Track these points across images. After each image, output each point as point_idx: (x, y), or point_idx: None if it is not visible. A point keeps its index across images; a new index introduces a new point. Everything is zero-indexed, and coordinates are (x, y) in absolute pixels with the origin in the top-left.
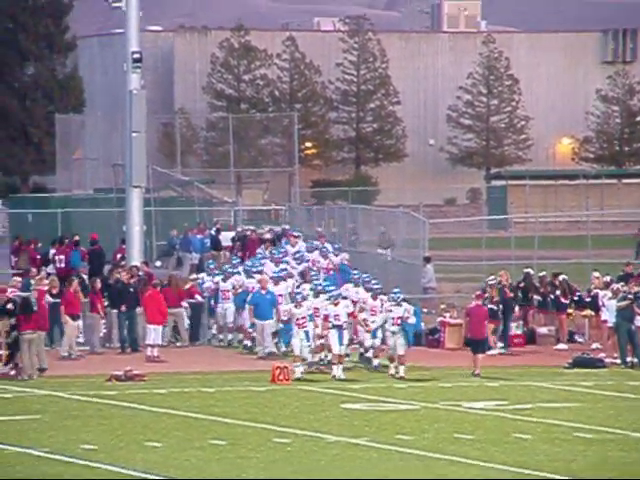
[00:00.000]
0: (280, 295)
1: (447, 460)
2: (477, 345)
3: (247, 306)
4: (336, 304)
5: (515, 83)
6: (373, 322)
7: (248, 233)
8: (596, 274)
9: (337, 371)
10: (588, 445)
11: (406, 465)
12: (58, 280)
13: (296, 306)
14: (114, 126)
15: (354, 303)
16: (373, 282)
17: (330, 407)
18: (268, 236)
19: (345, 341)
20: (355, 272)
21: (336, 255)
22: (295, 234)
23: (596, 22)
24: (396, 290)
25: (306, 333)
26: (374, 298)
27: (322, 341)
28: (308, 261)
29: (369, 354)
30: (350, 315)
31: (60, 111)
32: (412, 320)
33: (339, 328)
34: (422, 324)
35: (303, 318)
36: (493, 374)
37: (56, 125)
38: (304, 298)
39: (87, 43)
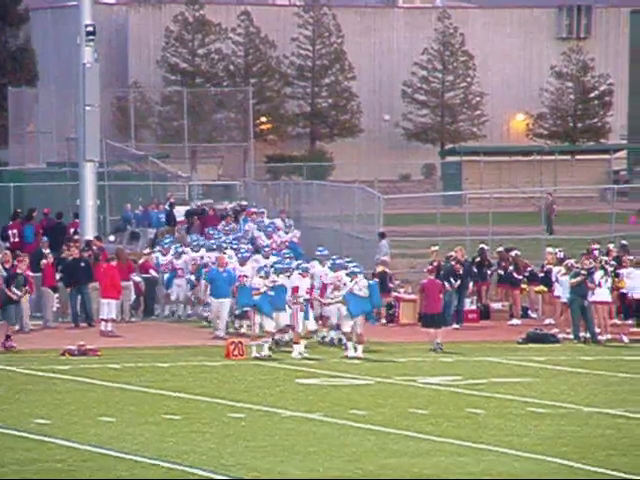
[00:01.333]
0: (245, 276)
1: (401, 435)
2: (432, 320)
3: (203, 282)
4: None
5: (470, 59)
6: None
7: (206, 208)
8: (549, 250)
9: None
10: (541, 420)
11: (360, 440)
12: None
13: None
14: (67, 100)
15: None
16: (345, 261)
17: (284, 382)
18: (229, 211)
19: (311, 318)
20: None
21: (286, 233)
22: (256, 210)
23: None
24: (350, 262)
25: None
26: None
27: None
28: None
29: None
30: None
31: (12, 84)
32: (362, 293)
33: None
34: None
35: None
36: (447, 349)
37: (8, 98)
38: (267, 273)
39: (40, 15)
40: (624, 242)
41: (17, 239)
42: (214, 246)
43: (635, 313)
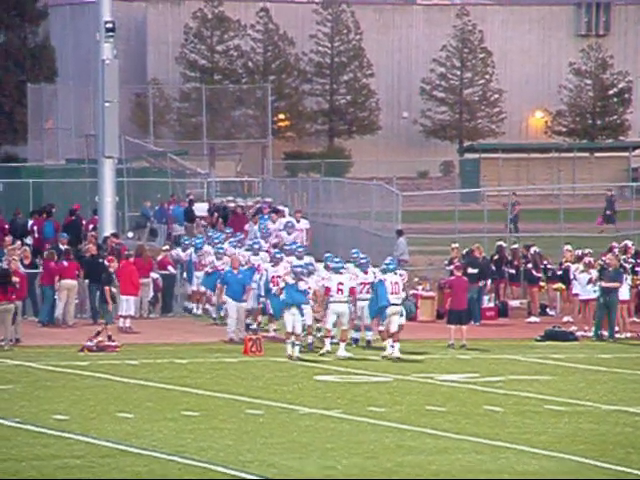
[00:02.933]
0: (279, 276)
1: (419, 432)
2: (459, 316)
3: (218, 285)
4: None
5: (489, 56)
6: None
7: (232, 205)
8: (568, 247)
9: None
10: (559, 417)
11: (378, 437)
12: (31, 251)
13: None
14: (86, 96)
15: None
16: (361, 256)
17: (302, 379)
18: (251, 210)
19: (308, 319)
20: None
21: (289, 234)
22: (280, 208)
23: None
24: (387, 261)
25: (300, 309)
26: (365, 272)
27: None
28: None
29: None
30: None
31: (32, 80)
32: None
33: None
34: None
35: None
36: (466, 347)
37: (28, 94)
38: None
39: (59, 12)
40: None
41: (37, 235)
42: (256, 246)
43: None
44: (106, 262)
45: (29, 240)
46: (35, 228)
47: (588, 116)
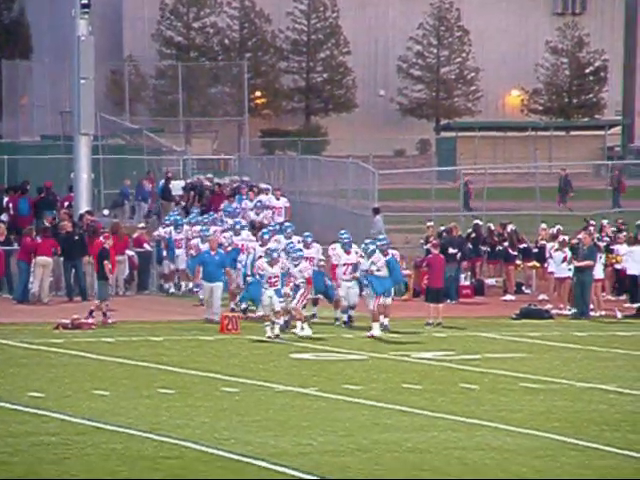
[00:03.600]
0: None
1: (395, 410)
2: (437, 294)
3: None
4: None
5: (465, 34)
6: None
7: (207, 184)
8: (543, 226)
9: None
10: (534, 395)
11: (354, 415)
12: (6, 228)
13: (270, 264)
14: (62, 73)
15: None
16: (345, 236)
17: (279, 357)
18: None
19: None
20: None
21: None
22: (262, 186)
23: None
24: (367, 241)
25: (277, 291)
26: (347, 253)
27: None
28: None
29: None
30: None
31: (6, 57)
32: (381, 273)
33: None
34: (403, 272)
35: (276, 277)
36: (442, 324)
37: (2, 71)
38: (278, 256)
39: None
40: (620, 220)
41: (12, 212)
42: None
43: (629, 289)
44: (102, 238)
45: (4, 217)
46: (10, 205)
47: (564, 94)
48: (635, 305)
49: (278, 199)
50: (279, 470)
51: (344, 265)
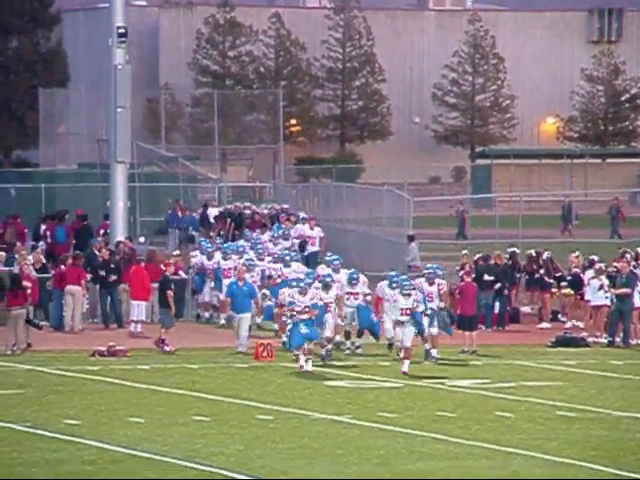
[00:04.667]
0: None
1: (430, 438)
2: (469, 322)
3: (222, 298)
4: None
5: (500, 62)
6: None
7: (247, 212)
8: (575, 254)
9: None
10: (570, 424)
11: (389, 443)
12: (45, 255)
13: (301, 293)
14: (98, 101)
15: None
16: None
17: (313, 384)
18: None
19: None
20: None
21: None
22: (301, 215)
23: (582, 1)
24: (404, 277)
25: (307, 324)
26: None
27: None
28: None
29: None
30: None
31: (44, 85)
32: (421, 308)
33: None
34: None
35: (306, 307)
36: (477, 352)
37: (40, 99)
38: (308, 286)
39: (72, 17)
40: None
41: (49, 240)
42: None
43: None
44: (163, 267)
45: (41, 245)
46: (47, 233)
47: (600, 122)
48: None
49: (312, 229)
50: None
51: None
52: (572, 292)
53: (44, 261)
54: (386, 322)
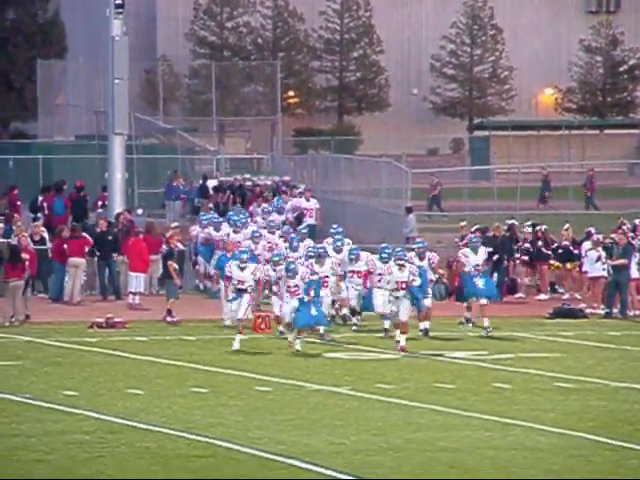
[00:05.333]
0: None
1: (428, 409)
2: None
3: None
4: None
5: (499, 33)
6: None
7: (248, 184)
8: (566, 226)
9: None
10: (568, 395)
11: (387, 414)
12: (43, 227)
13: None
14: (96, 72)
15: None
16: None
17: (311, 356)
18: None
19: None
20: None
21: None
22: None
23: None
24: (399, 250)
25: (300, 300)
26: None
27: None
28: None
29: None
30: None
31: (42, 57)
32: (417, 282)
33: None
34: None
35: (296, 286)
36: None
37: (38, 71)
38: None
39: None
40: None
41: (47, 211)
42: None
43: None
44: (167, 237)
45: (39, 217)
46: (45, 204)
47: (598, 93)
48: None
49: (308, 200)
50: (312, 469)
51: (378, 275)
52: (560, 265)
53: (45, 233)
54: (377, 297)
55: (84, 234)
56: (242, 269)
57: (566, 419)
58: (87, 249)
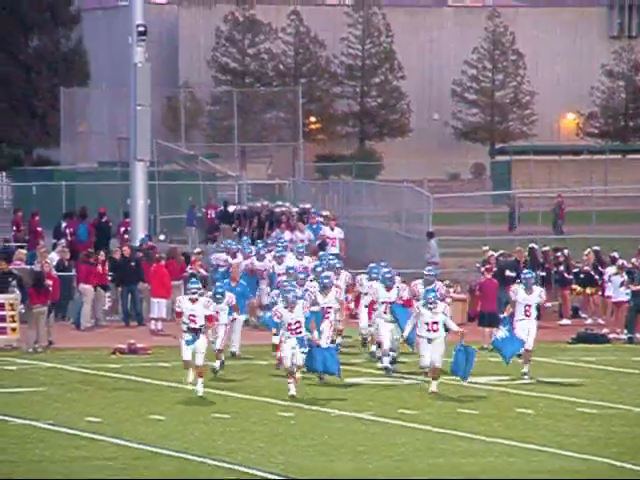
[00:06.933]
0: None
1: (450, 435)
2: (490, 318)
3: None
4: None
5: (520, 58)
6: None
7: (277, 210)
8: (587, 251)
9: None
10: (591, 420)
11: (409, 439)
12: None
13: (288, 308)
14: (119, 99)
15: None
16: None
17: (334, 381)
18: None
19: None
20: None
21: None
22: (319, 214)
23: None
24: (429, 289)
25: (300, 340)
26: (388, 289)
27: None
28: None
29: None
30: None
31: (65, 84)
32: (453, 325)
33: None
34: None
35: (297, 322)
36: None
37: (61, 98)
38: (295, 299)
39: (92, 15)
40: None
41: (70, 237)
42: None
43: None
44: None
45: (63, 242)
46: (68, 231)
47: (620, 118)
48: None
49: (332, 229)
50: None
51: (383, 303)
52: (580, 289)
53: (68, 259)
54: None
55: (93, 261)
56: (193, 302)
57: (589, 445)
58: (110, 275)
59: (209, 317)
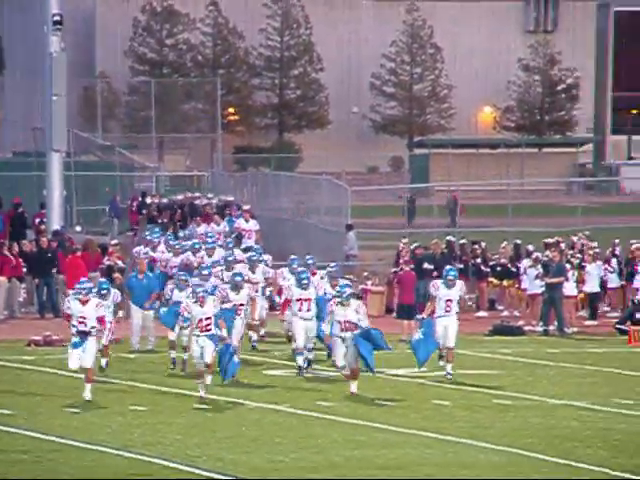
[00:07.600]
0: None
1: (367, 426)
2: (408, 311)
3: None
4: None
5: (438, 52)
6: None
7: (199, 202)
8: (504, 244)
9: None
10: (507, 412)
11: (326, 431)
12: None
13: (198, 303)
14: (34, 89)
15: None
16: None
17: (251, 373)
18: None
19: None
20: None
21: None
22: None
23: None
24: (343, 284)
25: (211, 337)
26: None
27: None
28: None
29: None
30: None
31: None
32: (365, 323)
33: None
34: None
35: (207, 319)
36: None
37: None
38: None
39: (7, 3)
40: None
41: None
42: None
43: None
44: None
45: None
46: None
47: (536, 112)
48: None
49: (247, 221)
50: None
51: (298, 301)
52: (496, 281)
53: None
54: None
55: (7, 252)
56: (83, 303)
57: (505, 436)
58: (24, 267)
59: (101, 319)
